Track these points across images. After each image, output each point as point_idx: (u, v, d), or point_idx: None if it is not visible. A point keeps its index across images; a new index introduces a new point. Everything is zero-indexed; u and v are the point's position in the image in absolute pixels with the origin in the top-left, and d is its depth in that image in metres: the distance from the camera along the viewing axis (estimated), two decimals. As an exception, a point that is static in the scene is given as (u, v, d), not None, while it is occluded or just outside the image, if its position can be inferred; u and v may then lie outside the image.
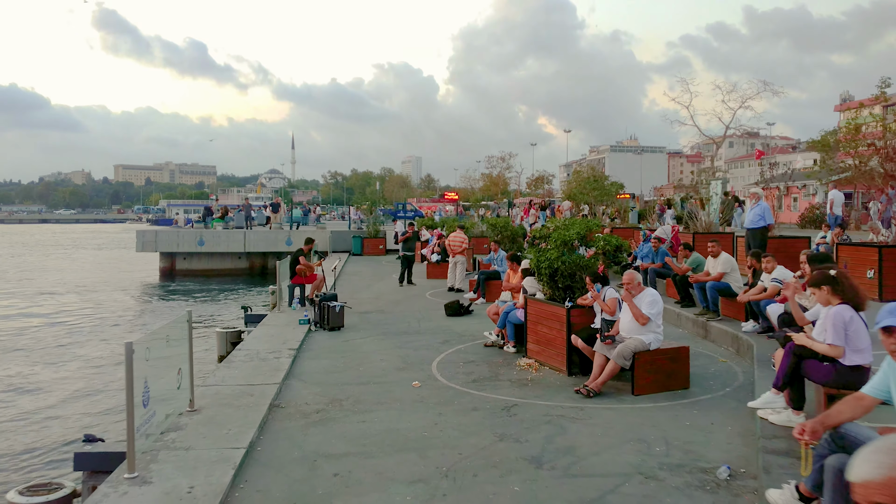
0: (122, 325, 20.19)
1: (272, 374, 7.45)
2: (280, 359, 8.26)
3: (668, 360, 6.99)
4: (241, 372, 7.60)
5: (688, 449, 5.28)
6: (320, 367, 8.18)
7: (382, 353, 8.96)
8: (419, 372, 7.84)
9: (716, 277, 9.61)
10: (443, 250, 18.51)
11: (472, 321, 11.37)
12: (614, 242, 7.77)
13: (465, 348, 9.17)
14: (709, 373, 7.68)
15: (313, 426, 5.93)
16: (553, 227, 8.13)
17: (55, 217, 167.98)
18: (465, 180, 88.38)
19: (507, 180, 77.26)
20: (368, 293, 15.54)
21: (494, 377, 7.59)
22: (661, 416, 6.10)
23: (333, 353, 8.99)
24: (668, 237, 14.36)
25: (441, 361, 8.37)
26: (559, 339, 7.76)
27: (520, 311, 8.70)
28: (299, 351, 8.98)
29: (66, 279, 32.74)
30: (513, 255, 9.78)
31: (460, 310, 12.00)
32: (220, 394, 6.67)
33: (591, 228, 7.84)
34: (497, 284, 13.62)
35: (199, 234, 30.63)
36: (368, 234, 28.66)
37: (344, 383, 7.39)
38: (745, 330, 8.70)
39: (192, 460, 4.84)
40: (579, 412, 6.25)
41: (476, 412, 6.27)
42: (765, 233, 11.11)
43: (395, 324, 11.25)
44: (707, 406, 6.42)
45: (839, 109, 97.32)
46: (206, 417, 5.89)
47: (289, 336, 9.74)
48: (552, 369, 7.85)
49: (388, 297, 14.85)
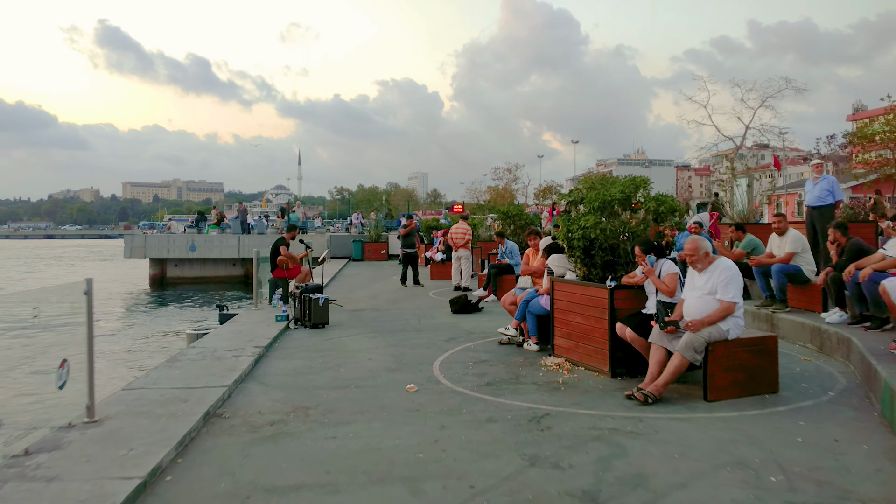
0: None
1: (223, 376, 5.66)
2: (240, 357, 6.47)
3: (753, 353, 5.16)
4: (183, 372, 5.82)
5: (819, 479, 3.46)
6: (289, 367, 6.39)
7: (372, 352, 7.16)
8: (416, 373, 6.04)
9: (783, 259, 7.79)
10: (448, 249, 16.73)
11: (482, 318, 9.56)
12: (669, 203, 6.00)
13: (476, 346, 7.36)
14: (794, 373, 5.85)
15: (260, 444, 4.13)
16: (585, 188, 6.36)
17: (61, 233, 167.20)
18: (471, 193, 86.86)
19: (514, 192, 75.69)
20: (364, 292, 13.75)
21: (514, 379, 5.78)
22: (758, 430, 4.28)
23: (310, 351, 7.19)
24: (706, 224, 12.55)
25: (446, 361, 6.57)
26: (598, 331, 5.95)
27: (544, 298, 6.91)
28: (268, 349, 7.20)
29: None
30: (533, 229, 7.98)
31: (468, 305, 10.20)
32: (142, 399, 4.88)
33: (638, 186, 6.07)
34: (511, 280, 11.80)
35: (190, 239, 28.93)
36: (370, 238, 26.93)
37: (316, 387, 5.59)
38: (831, 321, 6.87)
39: (48, 500, 3.05)
40: (638, 424, 4.43)
41: (493, 424, 4.46)
42: (833, 212, 9.28)
43: (391, 321, 9.45)
44: (815, 416, 4.59)
45: (851, 119, 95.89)
46: (107, 432, 4.11)
47: (259, 333, 7.97)
48: (589, 370, 6.03)
49: (386, 295, 13.06)
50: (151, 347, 15.19)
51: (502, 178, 75.19)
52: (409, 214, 16.98)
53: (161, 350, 14.44)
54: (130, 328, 18.46)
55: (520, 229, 13.15)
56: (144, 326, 19.16)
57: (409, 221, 15.80)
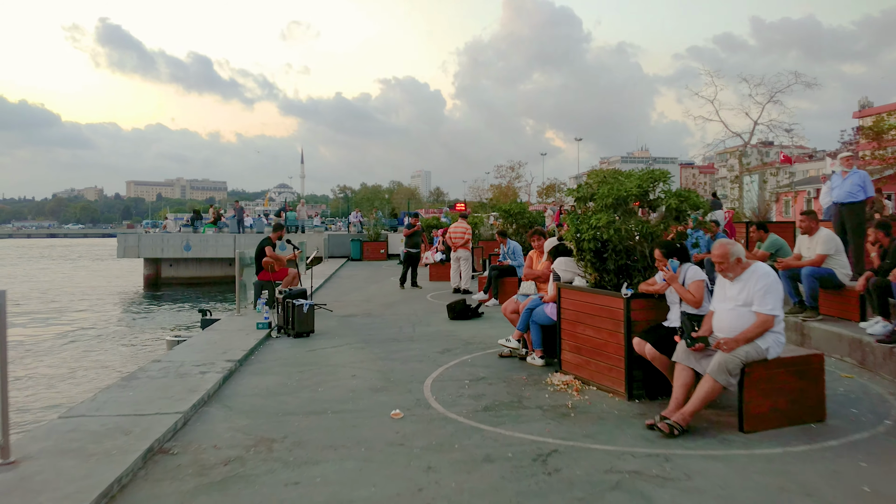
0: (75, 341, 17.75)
1: (181, 399, 4.93)
2: (207, 374, 5.74)
3: (795, 375, 4.40)
4: (137, 394, 5.09)
5: (906, 551, 2.70)
6: (262, 386, 5.65)
7: (358, 366, 6.42)
8: (405, 394, 5.30)
9: (815, 261, 7.02)
10: (448, 249, 15.99)
11: (482, 325, 8.81)
12: (693, 200, 5.24)
13: (474, 359, 6.61)
14: (838, 395, 5.10)
15: (206, 493, 3.40)
16: (596, 182, 5.59)
17: (63, 232, 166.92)
18: (474, 192, 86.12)
19: (517, 190, 74.95)
20: (358, 295, 13.01)
21: (517, 402, 5.03)
22: (810, 474, 3.53)
23: (289, 366, 6.46)
24: (722, 222, 11.79)
25: (439, 378, 5.82)
26: (612, 345, 5.20)
27: (549, 306, 6.16)
28: (242, 363, 6.47)
29: (30, 291, 30.48)
30: (538, 229, 7.22)
31: (467, 311, 9.45)
32: (77, 431, 4.15)
33: (657, 179, 5.31)
34: (513, 283, 11.06)
35: (185, 238, 28.21)
36: (369, 237, 26.20)
37: (287, 412, 4.85)
38: (873, 332, 6.11)
39: None
40: (665, 465, 3.68)
41: (490, 465, 3.71)
42: (864, 209, 8.51)
43: (384, 329, 8.70)
44: (876, 453, 3.84)
45: (858, 116, 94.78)
46: (16, 479, 3.37)
47: (236, 343, 7.24)
48: (602, 390, 5.28)
49: (381, 299, 12.31)
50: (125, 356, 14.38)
51: (505, 175, 74.48)
52: (415, 213, 16.17)
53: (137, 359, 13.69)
54: (112, 334, 17.70)
55: (522, 228, 12.38)
56: (129, 330, 18.44)
57: (415, 221, 15.01)
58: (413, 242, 14.44)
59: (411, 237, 14.52)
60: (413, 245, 14.40)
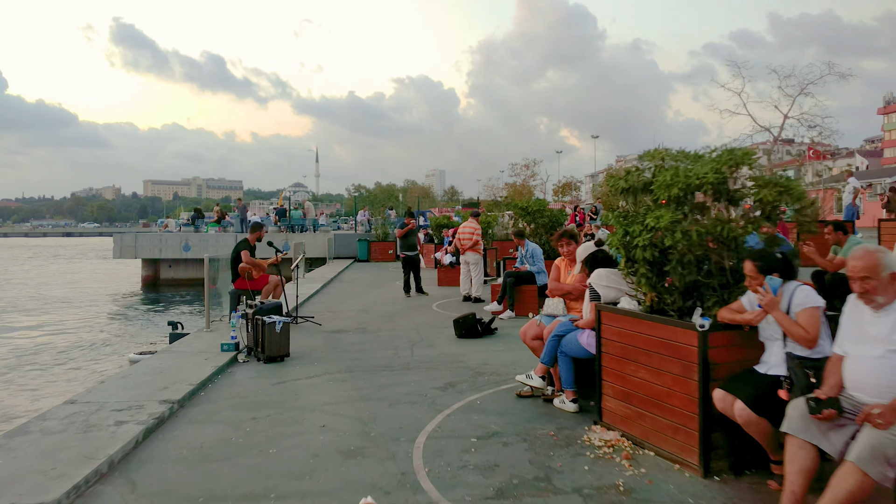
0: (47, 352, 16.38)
1: (65, 473, 3.47)
2: (125, 425, 4.28)
3: (984, 461, 2.83)
4: (8, 461, 3.63)
5: None
6: (196, 444, 4.17)
7: (332, 410, 4.93)
8: (385, 463, 3.80)
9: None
10: (458, 251, 14.49)
11: (495, 346, 7.29)
12: (796, 191, 3.70)
13: (484, 400, 5.09)
14: None
15: None
16: (655, 166, 4.05)
17: (79, 230, 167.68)
18: (489, 190, 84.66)
19: (533, 188, 73.39)
20: (355, 304, 11.52)
21: (544, 480, 3.50)
22: None
23: (243, 408, 4.98)
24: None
25: (436, 434, 4.31)
26: (680, 397, 3.66)
27: (585, 333, 4.63)
28: (184, 403, 5.01)
29: (21, 294, 29.38)
30: (568, 230, 5.67)
31: (477, 327, 7.93)
32: None
33: (739, 162, 3.77)
34: (531, 292, 9.54)
35: (184, 238, 26.93)
36: (376, 237, 24.75)
37: (213, 497, 3.36)
38: None
39: None
40: None
41: None
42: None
43: (376, 350, 7.20)
44: None
45: (882, 112, 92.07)
46: None
47: (186, 373, 5.78)
48: (663, 456, 3.75)
49: (381, 308, 10.82)
50: (69, 383, 12.15)
51: (520, 174, 73.12)
52: (411, 212, 14.49)
53: (77, 387, 11.74)
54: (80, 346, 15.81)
55: (542, 229, 10.81)
56: (102, 341, 16.80)
57: (409, 220, 13.19)
58: (408, 244, 12.69)
59: (405, 238, 12.76)
60: (409, 247, 12.70)
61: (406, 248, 12.70)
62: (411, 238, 12.75)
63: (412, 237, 12.79)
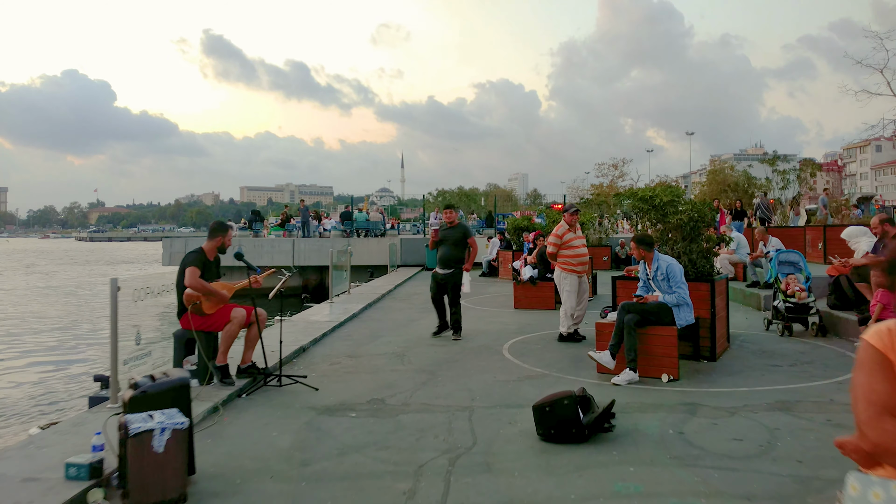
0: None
1: None
2: None
3: None
4: None
5: None
6: None
7: None
8: None
9: None
10: (542, 262, 10.77)
11: (623, 469, 3.54)
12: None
13: None
14: None
15: None
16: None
17: (175, 234, 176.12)
18: (573, 192, 79.88)
19: (621, 190, 68.03)
20: (392, 340, 8.00)
21: None
22: None
23: None
24: None
25: None
26: None
27: None
28: None
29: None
30: None
31: (578, 418, 4.18)
32: None
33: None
34: (669, 335, 5.70)
35: (237, 243, 24.60)
36: (447, 242, 21.29)
37: None
38: None
39: None
40: None
41: None
42: None
43: (377, 476, 3.64)
44: None
45: None
46: None
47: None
48: None
49: (424, 351, 7.26)
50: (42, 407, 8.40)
51: (607, 174, 68.09)
52: (451, 206, 8.69)
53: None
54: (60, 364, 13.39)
55: (676, 232, 6.84)
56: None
57: (449, 213, 8.35)
58: (448, 256, 7.92)
59: (442, 243, 8.04)
60: (446, 261, 7.94)
61: (444, 261, 8.00)
62: (451, 248, 7.95)
63: (453, 245, 7.96)
